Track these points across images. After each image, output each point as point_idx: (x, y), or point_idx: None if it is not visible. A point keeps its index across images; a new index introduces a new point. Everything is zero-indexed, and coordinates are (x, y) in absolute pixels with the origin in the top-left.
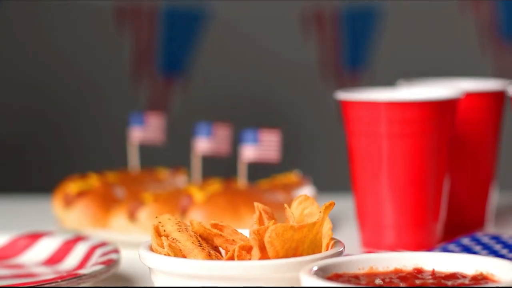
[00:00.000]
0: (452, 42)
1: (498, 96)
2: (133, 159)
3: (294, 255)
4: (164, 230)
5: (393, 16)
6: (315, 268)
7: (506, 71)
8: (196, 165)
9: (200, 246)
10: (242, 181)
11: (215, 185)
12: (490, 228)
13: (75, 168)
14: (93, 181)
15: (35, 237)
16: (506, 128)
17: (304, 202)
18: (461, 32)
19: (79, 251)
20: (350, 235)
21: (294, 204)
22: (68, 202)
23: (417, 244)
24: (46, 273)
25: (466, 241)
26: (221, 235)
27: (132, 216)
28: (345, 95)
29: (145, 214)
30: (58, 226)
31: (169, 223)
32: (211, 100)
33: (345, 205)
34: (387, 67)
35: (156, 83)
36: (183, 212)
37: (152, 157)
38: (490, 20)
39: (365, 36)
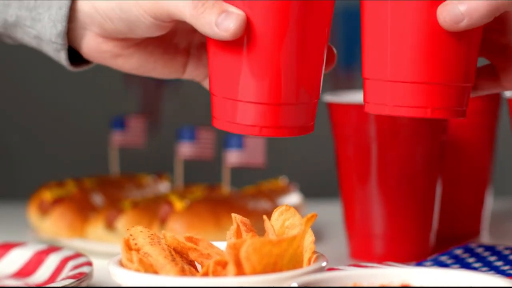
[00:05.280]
0: None
1: (494, 99)
2: (114, 164)
3: (273, 270)
4: (136, 244)
5: None
6: (295, 284)
7: None
8: (179, 171)
9: (174, 260)
10: (226, 187)
11: (197, 192)
12: (485, 236)
13: (54, 173)
14: (70, 187)
15: (6, 247)
16: (503, 131)
17: (285, 213)
18: None
19: (51, 263)
20: (339, 244)
21: (275, 215)
22: (44, 209)
23: (408, 254)
24: (16, 287)
25: (459, 252)
26: (195, 249)
27: (109, 225)
28: (331, 98)
29: (122, 223)
30: (33, 235)
31: (141, 235)
32: (204, 102)
33: (334, 212)
34: None
35: (147, 84)
36: (162, 221)
37: (137, 162)
38: None
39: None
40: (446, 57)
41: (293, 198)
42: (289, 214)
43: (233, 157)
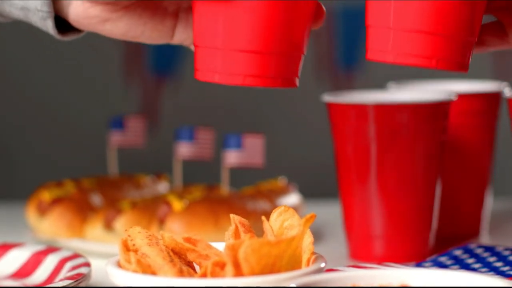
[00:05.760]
0: None
1: (494, 98)
2: (113, 164)
3: (271, 271)
4: (134, 244)
5: None
6: (293, 285)
7: (504, 72)
8: (178, 171)
9: (172, 261)
10: (224, 187)
11: (195, 193)
12: (485, 237)
13: (53, 174)
14: (69, 187)
15: (4, 248)
16: (503, 131)
17: (284, 214)
18: None
19: (49, 263)
20: (338, 245)
21: (273, 216)
22: (42, 210)
23: (408, 255)
24: (14, 287)
25: (458, 253)
26: (194, 249)
27: (108, 225)
28: (331, 98)
29: (121, 223)
30: (32, 235)
31: (139, 236)
32: (203, 102)
33: (334, 213)
34: (384, 66)
35: (147, 84)
36: (161, 221)
37: (136, 162)
38: None
39: (360, 35)
40: (453, 9)
41: (292, 198)
42: (288, 215)
43: (232, 157)
